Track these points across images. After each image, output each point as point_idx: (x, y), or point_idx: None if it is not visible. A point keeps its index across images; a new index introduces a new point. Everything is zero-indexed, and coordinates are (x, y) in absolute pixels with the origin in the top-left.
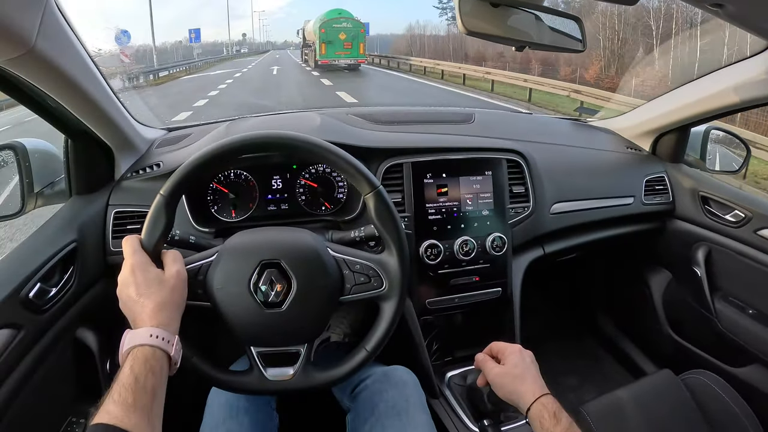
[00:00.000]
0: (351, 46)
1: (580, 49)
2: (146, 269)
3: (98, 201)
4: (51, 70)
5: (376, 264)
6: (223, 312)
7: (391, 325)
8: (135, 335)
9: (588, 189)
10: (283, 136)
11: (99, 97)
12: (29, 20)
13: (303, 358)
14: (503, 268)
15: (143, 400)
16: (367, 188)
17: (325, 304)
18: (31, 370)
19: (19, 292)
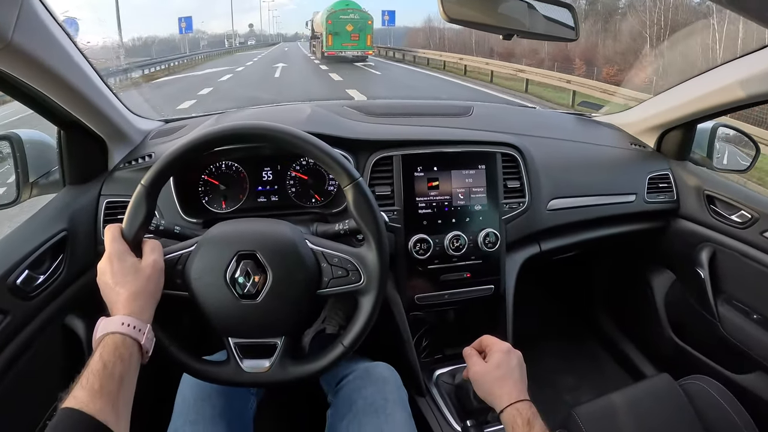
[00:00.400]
0: (358, 37)
1: (572, 37)
2: (123, 258)
3: (91, 191)
4: (31, 64)
5: (354, 257)
6: (200, 302)
7: (369, 320)
8: (108, 323)
9: (588, 185)
10: (260, 126)
11: (86, 88)
12: (4, 16)
13: (279, 350)
14: (496, 265)
15: (110, 386)
16: (346, 180)
17: (301, 297)
18: (16, 356)
19: (6, 279)
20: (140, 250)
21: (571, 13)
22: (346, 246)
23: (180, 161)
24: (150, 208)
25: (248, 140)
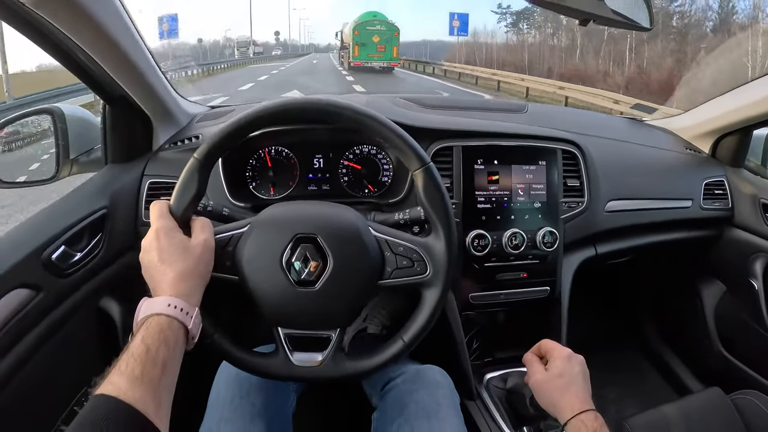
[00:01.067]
0: (384, 49)
1: (647, 26)
2: (171, 235)
3: (134, 170)
4: (81, 16)
5: (420, 247)
6: (251, 287)
7: (433, 316)
8: (152, 303)
9: (645, 188)
10: (330, 102)
11: (139, 61)
12: None
13: (333, 344)
14: (553, 266)
15: (152, 372)
16: (416, 164)
17: (362, 287)
18: (47, 335)
19: (41, 253)
20: (188, 228)
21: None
22: (411, 235)
23: (239, 135)
24: (201, 184)
25: (316, 115)
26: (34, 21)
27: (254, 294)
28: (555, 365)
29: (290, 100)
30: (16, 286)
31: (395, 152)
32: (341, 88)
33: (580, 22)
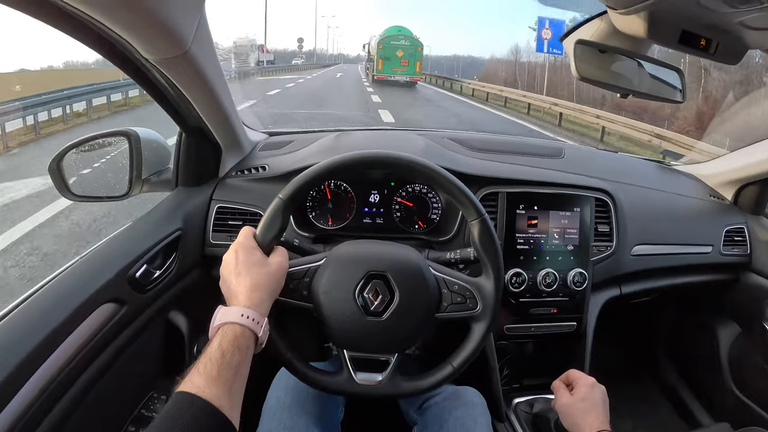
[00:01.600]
0: (408, 63)
1: (679, 99)
2: (251, 252)
3: (202, 194)
4: (196, 74)
5: (473, 286)
6: (326, 315)
7: (479, 346)
8: (227, 313)
9: (669, 234)
10: (404, 158)
11: (224, 100)
12: (188, 26)
13: (393, 366)
14: (581, 304)
15: (227, 374)
16: (474, 214)
17: (421, 319)
18: (126, 345)
19: (128, 271)
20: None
21: (680, 76)
22: (465, 275)
23: (320, 180)
24: (285, 221)
25: (389, 168)
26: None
27: (328, 321)
28: (580, 391)
29: (372, 153)
30: (107, 301)
31: (456, 202)
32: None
33: (620, 96)
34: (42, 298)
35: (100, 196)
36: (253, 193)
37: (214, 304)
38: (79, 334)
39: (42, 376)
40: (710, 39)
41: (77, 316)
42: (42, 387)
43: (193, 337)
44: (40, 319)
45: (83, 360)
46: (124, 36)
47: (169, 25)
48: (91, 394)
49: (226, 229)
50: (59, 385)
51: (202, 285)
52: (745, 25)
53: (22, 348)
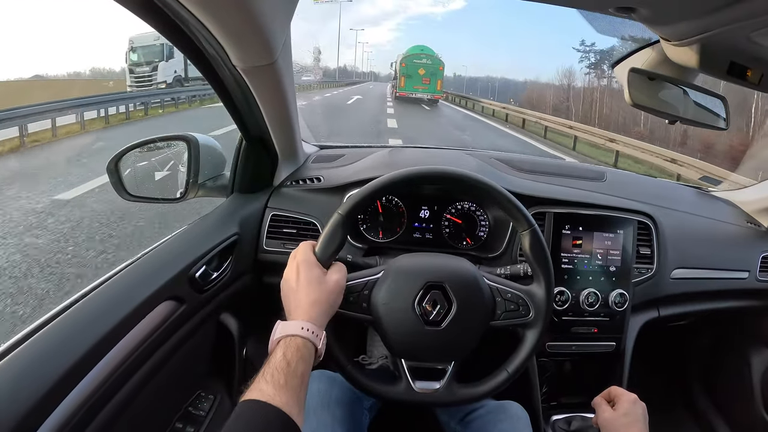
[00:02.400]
0: (429, 81)
1: (723, 127)
2: (310, 269)
3: (258, 201)
4: (276, 85)
5: (525, 294)
6: (385, 326)
7: (533, 351)
8: (287, 326)
9: (708, 258)
10: (458, 173)
11: (292, 112)
12: (278, 37)
13: (450, 374)
14: (621, 324)
15: (293, 382)
16: (525, 225)
17: (478, 327)
18: (181, 342)
19: (188, 271)
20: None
21: (723, 103)
22: (517, 284)
23: (379, 194)
24: (344, 236)
25: (444, 183)
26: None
27: (387, 331)
28: (622, 406)
29: (427, 169)
30: (167, 298)
31: (507, 214)
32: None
33: (669, 122)
34: (107, 292)
35: (155, 197)
36: (307, 202)
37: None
38: (141, 328)
39: (103, 368)
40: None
41: (140, 311)
42: (103, 378)
43: (242, 339)
44: (105, 312)
45: (143, 354)
46: (222, 41)
47: (264, 33)
48: (147, 387)
49: (279, 237)
50: (120, 377)
51: (254, 290)
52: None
53: (87, 339)
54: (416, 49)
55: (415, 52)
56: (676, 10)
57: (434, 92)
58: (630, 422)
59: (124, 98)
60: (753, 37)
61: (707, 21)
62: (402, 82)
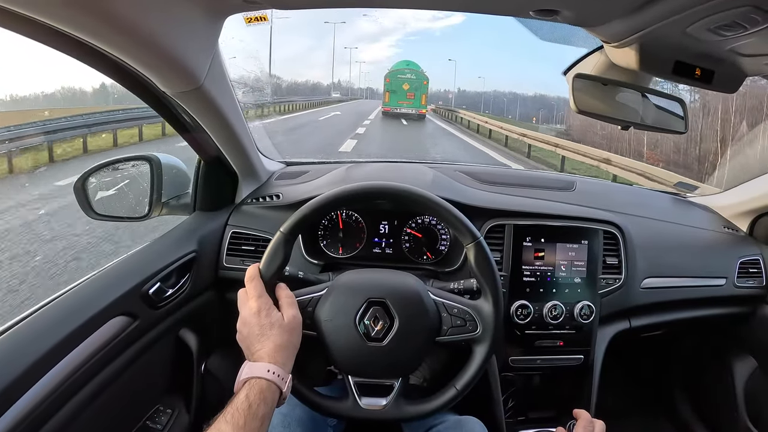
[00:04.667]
0: (413, 96)
1: (682, 130)
2: (270, 313)
3: (218, 219)
4: (210, 107)
5: (472, 309)
6: (328, 342)
7: (481, 368)
8: (253, 368)
9: (681, 267)
10: (400, 188)
11: (239, 131)
12: (202, 62)
13: (396, 390)
14: (588, 336)
15: (253, 424)
16: (469, 239)
17: (422, 343)
18: (135, 357)
19: (141, 287)
20: (273, 292)
21: (682, 106)
22: (465, 299)
23: (319, 213)
24: (287, 254)
25: (386, 199)
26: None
27: (331, 347)
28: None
29: (367, 185)
30: (119, 314)
31: (452, 228)
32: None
33: (621, 128)
34: (56, 307)
35: (120, 216)
36: (266, 220)
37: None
38: (91, 342)
39: (50, 380)
40: (705, 68)
41: (90, 326)
42: (49, 391)
43: (202, 355)
44: (53, 326)
45: (93, 368)
46: (142, 71)
47: (183, 62)
48: (97, 401)
49: (239, 254)
50: (66, 390)
51: (214, 306)
52: (737, 53)
53: (32, 352)
54: (402, 64)
55: (400, 67)
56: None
57: (419, 107)
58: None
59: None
60: (690, 32)
61: (637, 19)
62: (386, 98)
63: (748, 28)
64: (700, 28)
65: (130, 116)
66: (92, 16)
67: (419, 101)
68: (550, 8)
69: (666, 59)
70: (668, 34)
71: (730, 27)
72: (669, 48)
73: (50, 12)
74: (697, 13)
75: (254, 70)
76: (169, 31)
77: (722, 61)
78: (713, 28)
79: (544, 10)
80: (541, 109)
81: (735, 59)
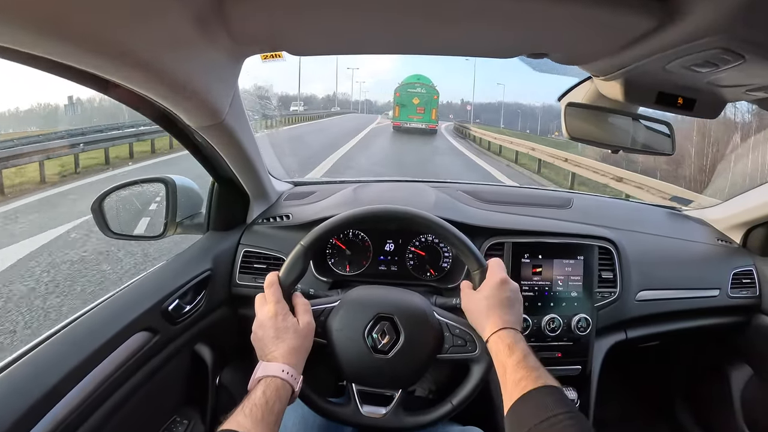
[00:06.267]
0: (423, 110)
1: (669, 152)
2: (286, 318)
3: (231, 238)
4: (230, 139)
5: (473, 331)
6: (337, 350)
7: (477, 386)
8: (268, 367)
9: (675, 279)
10: (416, 213)
11: (253, 157)
12: (224, 99)
13: (396, 401)
14: (585, 348)
15: (270, 418)
16: (475, 265)
17: (424, 358)
18: (155, 371)
19: (162, 304)
20: (290, 300)
21: (669, 129)
22: (467, 320)
23: (338, 231)
24: (305, 265)
25: (399, 222)
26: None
27: (338, 355)
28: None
29: (385, 208)
30: (141, 329)
31: (460, 254)
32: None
33: (612, 152)
34: (82, 324)
35: (137, 235)
36: (277, 239)
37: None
38: (116, 357)
39: (78, 393)
40: (687, 97)
41: (115, 341)
42: (77, 403)
43: (216, 368)
44: (81, 341)
45: (117, 381)
46: (169, 108)
47: (207, 100)
48: (120, 412)
49: (251, 272)
50: (93, 402)
51: (228, 321)
52: (715, 84)
53: (63, 365)
54: (412, 78)
55: (411, 81)
56: (585, 52)
57: (429, 121)
58: (489, 305)
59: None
60: (670, 69)
61: (621, 57)
62: (396, 112)
63: (720, 66)
64: (677, 65)
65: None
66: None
67: (429, 116)
68: (540, 52)
69: (649, 91)
70: (650, 70)
71: (704, 65)
72: (652, 81)
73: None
74: (674, 53)
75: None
76: (194, 72)
77: (702, 91)
78: (689, 66)
79: (536, 54)
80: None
81: (714, 89)
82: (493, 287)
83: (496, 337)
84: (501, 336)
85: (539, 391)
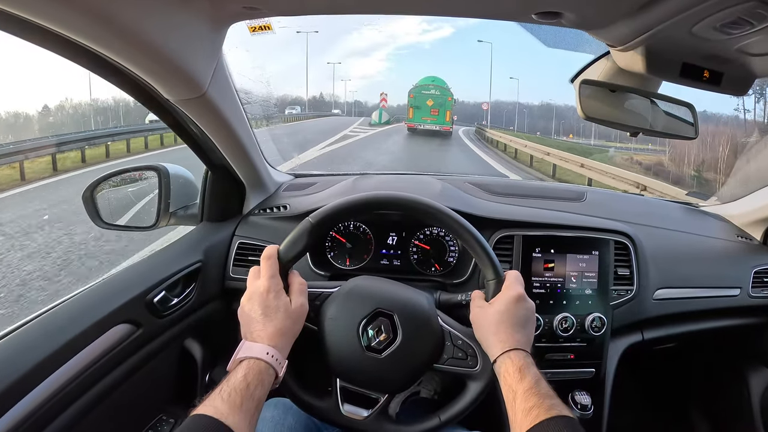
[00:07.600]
0: (438, 112)
1: (692, 135)
2: (278, 296)
3: (226, 230)
4: (214, 115)
5: (476, 344)
6: (327, 340)
7: (472, 404)
8: (252, 348)
9: (694, 277)
10: (433, 205)
11: (245, 141)
12: (205, 70)
13: (380, 406)
14: (600, 349)
15: (249, 405)
16: (492, 274)
17: (419, 365)
18: (138, 365)
19: (146, 296)
20: (286, 276)
21: (692, 111)
22: (472, 332)
23: (347, 213)
24: (308, 243)
25: (416, 213)
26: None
27: (327, 346)
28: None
29: (410, 197)
30: (121, 321)
31: (476, 258)
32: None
33: (630, 134)
34: (59, 313)
35: (128, 225)
36: (273, 230)
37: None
38: (92, 349)
39: (51, 384)
40: (713, 70)
41: (92, 333)
42: (50, 395)
43: (207, 366)
44: (56, 331)
45: (95, 374)
46: (144, 78)
47: (185, 70)
48: (99, 408)
49: (246, 264)
50: (67, 395)
51: (220, 316)
52: (746, 52)
53: (34, 355)
54: (427, 80)
55: (425, 83)
56: (602, 11)
57: (443, 123)
58: (501, 321)
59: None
60: (696, 32)
61: (642, 20)
62: (410, 113)
63: (755, 25)
64: (705, 26)
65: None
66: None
67: (443, 117)
68: (551, 10)
69: (673, 61)
70: (674, 35)
71: (737, 24)
72: (675, 49)
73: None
74: (702, 11)
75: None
76: (170, 37)
77: (731, 62)
78: (719, 26)
79: (546, 13)
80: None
81: (744, 60)
82: (508, 302)
83: (506, 357)
84: (511, 357)
85: (552, 422)
